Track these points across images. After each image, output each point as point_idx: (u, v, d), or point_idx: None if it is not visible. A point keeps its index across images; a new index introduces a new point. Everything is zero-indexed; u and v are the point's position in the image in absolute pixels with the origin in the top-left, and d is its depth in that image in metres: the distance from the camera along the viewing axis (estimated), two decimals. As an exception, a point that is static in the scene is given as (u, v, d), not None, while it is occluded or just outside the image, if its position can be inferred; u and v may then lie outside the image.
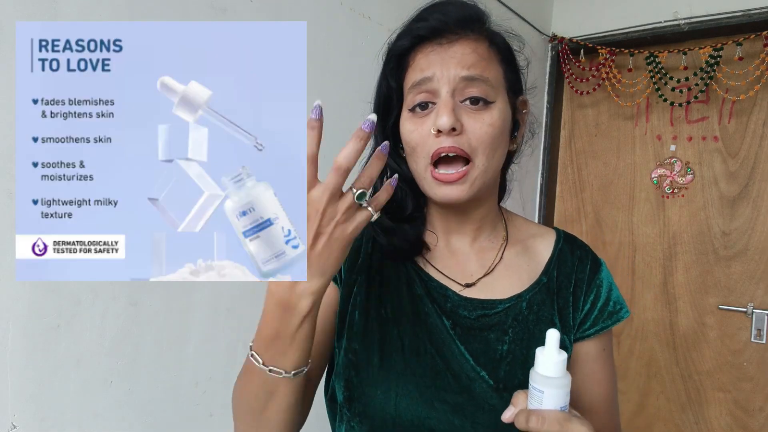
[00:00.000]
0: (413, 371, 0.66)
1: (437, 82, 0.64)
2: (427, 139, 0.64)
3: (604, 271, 0.75)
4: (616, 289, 0.75)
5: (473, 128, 0.63)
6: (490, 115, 0.64)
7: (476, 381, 0.66)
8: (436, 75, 0.64)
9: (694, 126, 2.14)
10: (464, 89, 0.64)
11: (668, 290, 2.18)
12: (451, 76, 0.63)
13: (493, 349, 0.68)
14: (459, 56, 0.64)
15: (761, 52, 1.89)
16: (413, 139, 0.65)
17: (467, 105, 0.64)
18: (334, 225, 0.50)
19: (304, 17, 1.39)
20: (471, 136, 0.63)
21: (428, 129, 0.64)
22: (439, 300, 0.70)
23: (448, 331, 0.68)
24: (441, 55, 0.65)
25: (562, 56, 2.27)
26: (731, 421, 2.04)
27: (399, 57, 0.68)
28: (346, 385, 0.67)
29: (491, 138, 0.64)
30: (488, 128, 0.64)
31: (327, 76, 1.45)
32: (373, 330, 0.69)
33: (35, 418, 0.95)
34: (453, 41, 0.65)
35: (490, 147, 0.64)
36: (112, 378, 1.06)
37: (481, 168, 0.64)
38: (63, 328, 0.98)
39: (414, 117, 0.66)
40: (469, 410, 0.64)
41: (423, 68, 0.65)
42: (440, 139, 0.63)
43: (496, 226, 0.76)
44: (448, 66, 0.64)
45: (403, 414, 0.64)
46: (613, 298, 0.73)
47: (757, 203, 2.03)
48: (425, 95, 0.65)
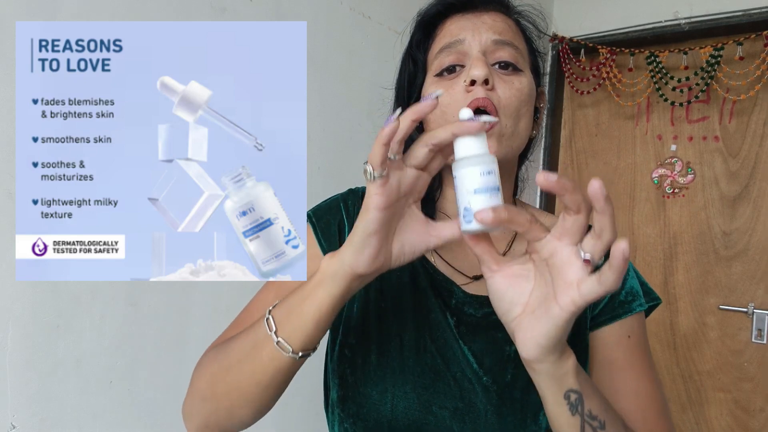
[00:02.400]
0: (411, 371, 0.62)
1: (468, 45, 0.64)
2: (458, 96, 0.62)
3: None
4: (633, 278, 0.70)
5: (503, 89, 0.62)
6: (519, 80, 0.64)
7: (478, 385, 0.62)
8: (467, 38, 0.64)
9: (695, 126, 2.14)
10: (495, 52, 0.63)
11: (669, 290, 2.17)
12: (483, 39, 0.63)
13: (500, 350, 0.64)
14: (490, 22, 0.65)
15: (762, 51, 1.89)
16: (443, 101, 0.63)
17: (497, 69, 0.63)
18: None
19: (304, 17, 1.39)
20: (501, 96, 0.62)
21: (459, 88, 0.62)
22: (444, 295, 0.66)
23: (452, 330, 0.64)
24: (473, 21, 0.65)
25: (562, 56, 2.26)
26: (732, 421, 2.04)
27: (427, 26, 0.68)
28: (340, 383, 0.64)
29: (519, 102, 0.63)
30: (516, 92, 0.63)
31: (327, 76, 1.45)
32: (371, 324, 0.65)
33: (35, 418, 0.95)
34: (483, 11, 0.66)
35: (516, 111, 0.63)
36: (112, 378, 1.05)
37: (508, 129, 0.63)
38: (63, 328, 0.98)
39: (441, 80, 0.65)
40: (469, 416, 0.61)
41: (453, 33, 0.65)
42: (474, 91, 0.61)
43: None
44: (480, 30, 0.64)
45: (400, 417, 0.61)
46: (627, 287, 0.68)
47: (757, 203, 2.03)
48: (455, 57, 0.64)
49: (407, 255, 0.51)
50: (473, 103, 0.60)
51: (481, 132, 0.46)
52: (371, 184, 0.46)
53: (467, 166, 0.46)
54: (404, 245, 0.51)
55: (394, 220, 0.50)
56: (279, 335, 0.52)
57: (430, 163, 0.50)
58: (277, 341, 0.52)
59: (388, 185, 0.47)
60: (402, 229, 0.51)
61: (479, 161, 0.45)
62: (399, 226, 0.51)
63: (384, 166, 0.46)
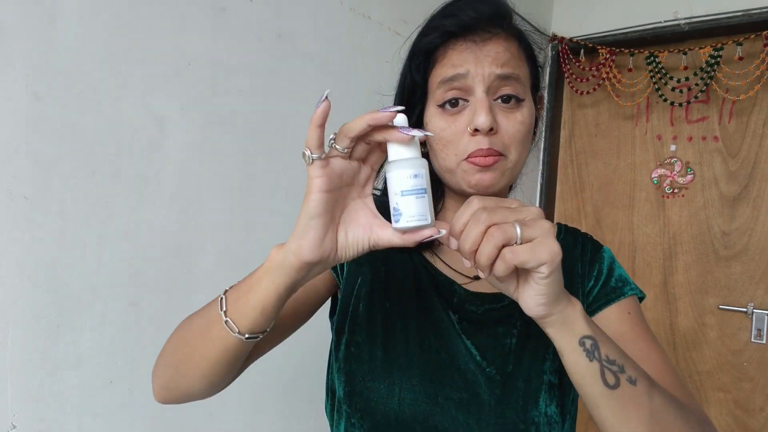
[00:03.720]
0: (417, 365, 0.65)
1: (471, 80, 0.63)
2: (462, 136, 0.63)
3: (607, 252, 0.75)
4: (620, 267, 0.74)
5: (506, 127, 0.64)
6: (521, 113, 0.65)
7: (482, 376, 0.65)
8: (470, 72, 0.63)
9: (695, 126, 2.14)
10: (498, 87, 0.64)
11: (668, 290, 2.18)
12: (486, 73, 0.63)
13: (501, 344, 0.67)
14: (493, 54, 0.64)
15: (761, 51, 1.89)
16: (446, 136, 0.65)
17: (499, 103, 0.64)
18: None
19: (304, 17, 1.39)
20: (504, 135, 0.64)
21: (462, 126, 0.63)
22: (446, 294, 0.69)
23: (454, 326, 0.67)
24: (475, 53, 0.64)
25: (562, 56, 2.26)
26: (731, 421, 2.04)
27: (427, 53, 0.68)
28: (347, 378, 0.66)
29: (522, 135, 0.65)
30: (520, 126, 0.64)
31: (327, 76, 1.45)
32: (376, 323, 0.68)
33: (35, 418, 0.95)
34: (486, 39, 0.64)
35: (521, 144, 0.65)
36: (112, 378, 1.05)
37: (512, 163, 0.65)
38: (63, 328, 0.98)
39: (444, 114, 0.65)
40: (474, 406, 0.63)
41: (456, 64, 0.64)
42: (477, 139, 0.62)
43: None
44: (483, 64, 0.63)
45: (407, 409, 0.63)
46: (615, 276, 0.72)
47: (757, 203, 2.03)
48: (457, 92, 0.64)
49: (351, 248, 0.51)
50: (475, 153, 0.62)
51: (410, 141, 0.47)
52: (311, 167, 0.47)
53: (396, 169, 0.48)
54: (348, 236, 0.51)
55: (338, 207, 0.50)
56: (228, 315, 0.53)
57: (369, 156, 0.51)
58: (225, 320, 0.53)
59: (329, 168, 0.47)
60: (347, 220, 0.51)
61: (408, 165, 0.47)
62: (344, 217, 0.51)
63: (321, 150, 0.46)
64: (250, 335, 0.53)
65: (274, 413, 1.36)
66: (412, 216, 0.48)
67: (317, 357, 0.56)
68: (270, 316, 0.53)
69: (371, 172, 0.52)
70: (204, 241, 1.20)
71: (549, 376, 0.66)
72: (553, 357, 0.67)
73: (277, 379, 1.36)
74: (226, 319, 0.53)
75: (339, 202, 0.50)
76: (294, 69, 1.36)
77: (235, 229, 1.26)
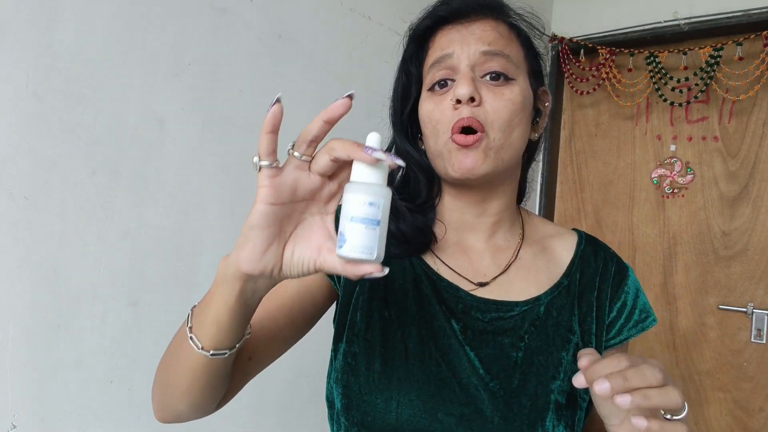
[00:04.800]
0: (416, 378, 0.61)
1: (456, 59, 0.63)
2: (447, 112, 0.63)
3: (631, 277, 0.72)
4: (644, 296, 0.71)
5: (491, 101, 0.62)
6: (510, 90, 0.63)
7: (485, 391, 0.61)
8: (456, 52, 0.63)
9: (694, 126, 2.14)
10: (484, 64, 0.63)
11: (668, 290, 2.18)
12: (471, 51, 0.63)
13: (506, 356, 0.63)
14: (479, 33, 0.64)
15: (761, 52, 1.89)
16: (434, 116, 0.64)
17: (487, 80, 0.63)
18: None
19: (304, 17, 1.39)
20: (489, 109, 0.62)
21: (447, 104, 0.63)
22: (449, 301, 0.66)
23: (457, 336, 0.64)
24: (461, 33, 0.64)
25: (562, 56, 2.26)
26: (731, 421, 2.04)
27: (419, 40, 0.68)
28: (344, 391, 0.63)
29: (509, 113, 0.63)
30: (507, 103, 0.62)
31: (327, 76, 1.45)
32: (375, 333, 0.64)
33: (35, 418, 0.95)
34: (473, 21, 0.65)
35: (507, 123, 0.63)
36: (112, 378, 1.06)
37: (497, 142, 0.62)
38: (63, 328, 0.98)
39: (433, 95, 0.65)
40: (476, 423, 0.60)
41: (443, 46, 0.65)
42: (459, 109, 0.62)
43: (513, 224, 0.73)
44: (468, 42, 0.63)
45: (405, 425, 0.60)
46: (640, 306, 0.70)
47: (757, 203, 2.03)
48: (445, 72, 0.64)
49: (296, 267, 0.46)
50: (458, 123, 0.61)
51: (375, 163, 0.42)
52: (258, 175, 0.43)
53: (352, 192, 0.42)
54: (294, 254, 0.45)
55: (290, 221, 0.45)
56: (192, 332, 0.51)
57: (339, 172, 0.45)
58: (190, 337, 0.50)
59: (279, 179, 0.43)
60: (297, 237, 0.46)
61: (365, 190, 0.42)
62: (297, 233, 0.46)
63: (272, 157, 0.42)
64: (215, 352, 0.50)
65: (275, 413, 1.36)
66: (355, 246, 0.42)
67: (318, 357, 0.55)
68: (227, 330, 0.49)
69: (337, 189, 0.46)
70: (204, 241, 1.20)
71: (557, 396, 0.63)
72: (563, 377, 0.64)
73: (277, 380, 1.36)
74: (191, 335, 0.50)
75: (292, 216, 0.45)
76: (294, 69, 1.36)
77: (235, 229, 1.26)
